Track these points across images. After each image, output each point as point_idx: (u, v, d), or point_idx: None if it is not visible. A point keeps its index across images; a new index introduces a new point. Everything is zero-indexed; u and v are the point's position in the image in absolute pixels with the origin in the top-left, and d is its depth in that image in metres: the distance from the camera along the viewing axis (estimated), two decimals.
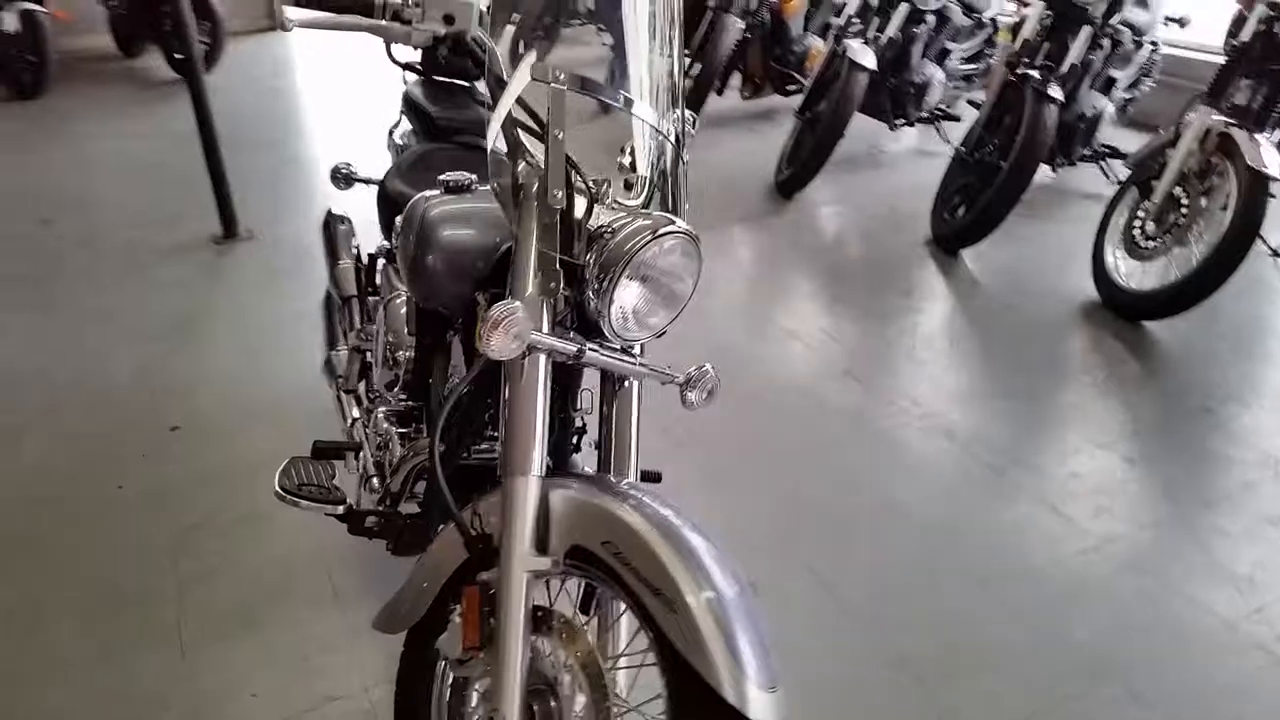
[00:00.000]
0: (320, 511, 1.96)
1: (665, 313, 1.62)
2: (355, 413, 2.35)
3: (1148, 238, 3.40)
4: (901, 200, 4.45)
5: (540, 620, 1.52)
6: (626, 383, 1.73)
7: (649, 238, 1.52)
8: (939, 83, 4.85)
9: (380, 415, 2.12)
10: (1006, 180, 3.70)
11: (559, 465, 1.82)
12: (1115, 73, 4.38)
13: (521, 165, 1.61)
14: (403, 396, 2.12)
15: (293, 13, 1.51)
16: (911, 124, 5.06)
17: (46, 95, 6.39)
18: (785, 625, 2.17)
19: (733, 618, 1.38)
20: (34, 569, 2.31)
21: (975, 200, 3.88)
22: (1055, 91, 3.66)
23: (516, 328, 1.41)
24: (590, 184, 1.61)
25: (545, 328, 1.53)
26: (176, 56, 6.87)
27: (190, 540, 2.39)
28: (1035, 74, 3.73)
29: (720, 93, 5.52)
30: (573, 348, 1.52)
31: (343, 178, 2.71)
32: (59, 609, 2.19)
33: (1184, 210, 3.28)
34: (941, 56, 4.96)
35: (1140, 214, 3.43)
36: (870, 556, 2.40)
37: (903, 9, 4.55)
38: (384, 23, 1.57)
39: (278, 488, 1.96)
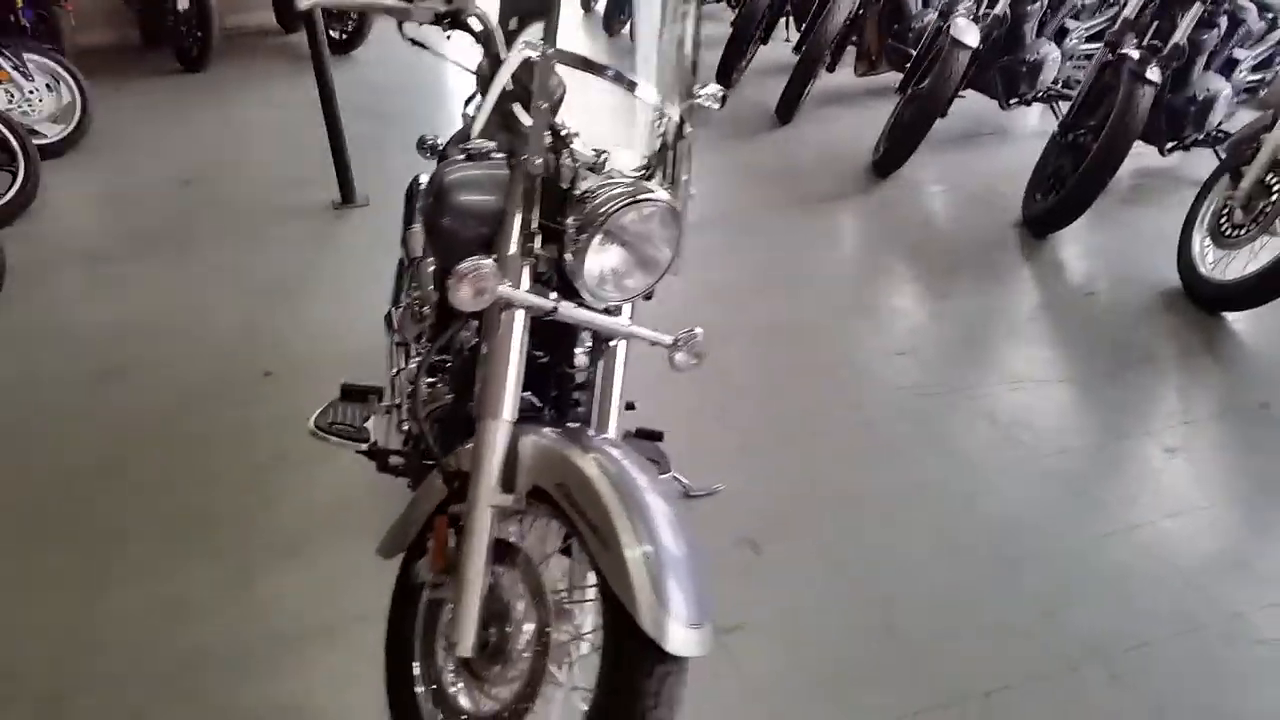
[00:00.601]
0: (348, 448, 2.17)
1: (642, 277, 1.74)
2: (401, 363, 2.55)
3: (1234, 226, 3.26)
4: (1002, 181, 4.37)
5: (502, 553, 1.66)
6: (613, 343, 1.85)
7: (625, 202, 1.64)
8: (1053, 61, 4.70)
9: (413, 365, 2.30)
10: (1093, 164, 3.59)
11: (560, 416, 1.96)
12: (1239, 53, 4.15)
13: (516, 135, 1.76)
14: (429, 348, 2.30)
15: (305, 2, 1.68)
16: (1026, 103, 4.92)
17: (209, 68, 6.91)
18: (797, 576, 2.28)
19: (664, 562, 1.50)
20: (124, 490, 2.62)
21: (1066, 183, 3.78)
22: (1153, 73, 3.53)
23: (482, 282, 1.56)
24: (572, 151, 1.75)
25: (524, 285, 1.67)
26: (329, 33, 7.32)
27: (263, 474, 2.64)
28: (1134, 53, 3.59)
29: (832, 69, 5.51)
30: (548, 304, 1.66)
31: (428, 147, 2.91)
32: (140, 526, 2.49)
33: (1274, 197, 3.13)
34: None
35: (1229, 200, 3.28)
36: (886, 537, 2.45)
37: None
38: (387, 1, 1.72)
39: (312, 425, 2.18)
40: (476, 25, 1.76)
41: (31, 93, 5.26)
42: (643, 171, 1.92)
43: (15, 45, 5.27)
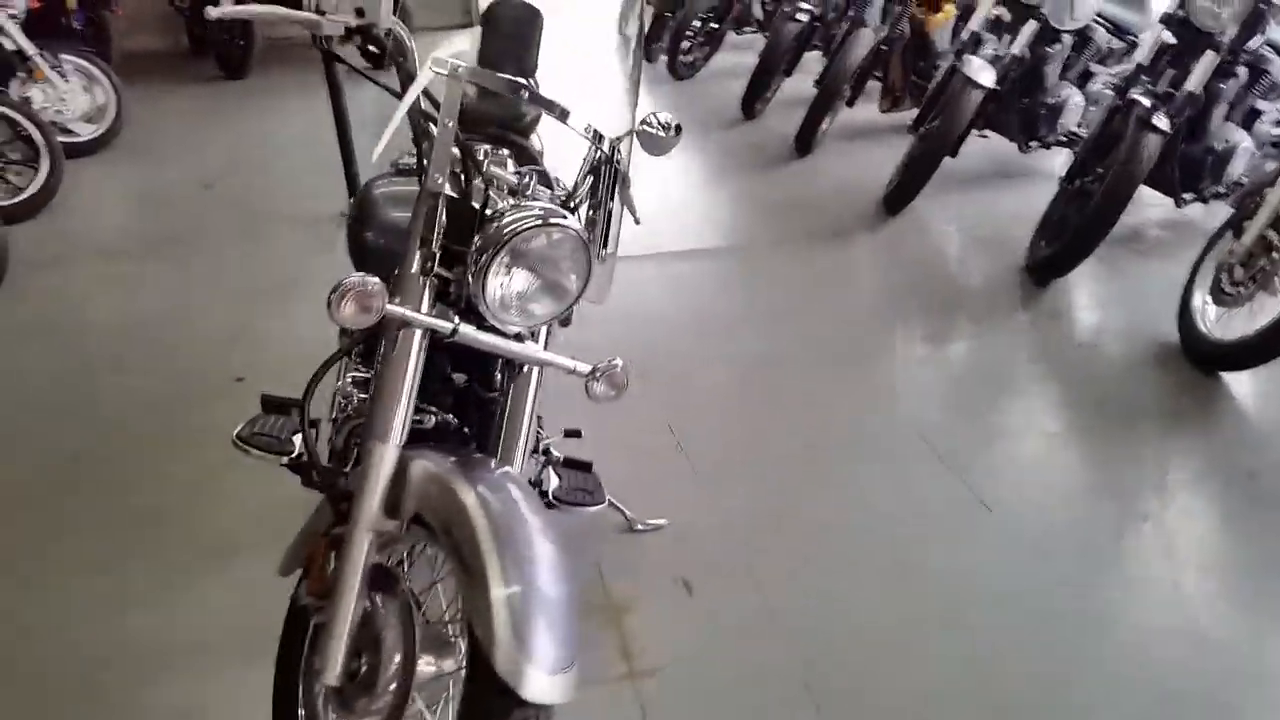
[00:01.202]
0: (270, 461, 2.16)
1: (550, 304, 1.71)
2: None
3: (1234, 283, 3.14)
4: (1012, 225, 4.27)
5: (381, 580, 1.63)
6: (525, 369, 1.83)
7: (527, 227, 1.62)
8: (1075, 105, 4.60)
9: (348, 379, 2.29)
10: (1094, 212, 3.50)
11: (480, 443, 1.93)
12: (1262, 105, 4.02)
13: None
14: (360, 363, 2.29)
15: (215, 11, 1.69)
16: (1046, 146, 4.82)
17: (249, 76, 7.07)
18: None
19: (531, 604, 1.47)
20: (83, 483, 2.66)
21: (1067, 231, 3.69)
22: (1161, 121, 3.42)
23: (367, 300, 1.53)
24: (482, 172, 1.73)
25: (424, 305, 1.65)
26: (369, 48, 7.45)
27: (216, 476, 2.65)
28: (1143, 100, 3.49)
29: (851, 103, 5.46)
30: (444, 326, 1.63)
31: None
32: (88, 519, 2.52)
33: (1275, 255, 3.01)
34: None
35: (1230, 257, 3.16)
36: (827, 584, 2.38)
37: (1030, 27, 4.34)
38: (299, 13, 1.72)
39: (235, 436, 2.17)
40: (390, 41, 1.76)
41: (66, 93, 5.40)
42: (563, 198, 1.90)
43: (54, 47, 5.41)
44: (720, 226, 4.49)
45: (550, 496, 2.22)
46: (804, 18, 5.61)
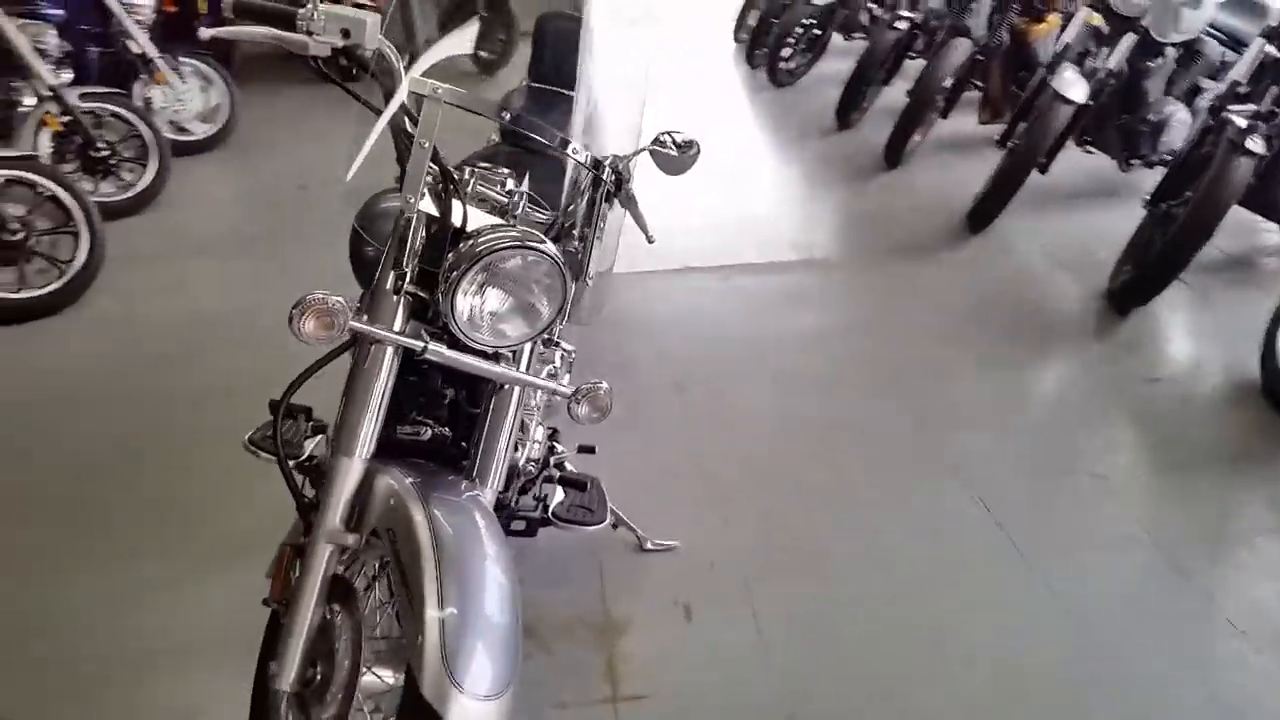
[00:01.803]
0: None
1: (522, 326, 1.70)
2: None
3: None
4: (1099, 248, 4.06)
5: (340, 592, 1.66)
6: (505, 388, 1.83)
7: (498, 248, 1.62)
8: (1179, 122, 4.33)
9: None
10: (1177, 238, 3.29)
11: (456, 463, 1.90)
12: None
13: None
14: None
15: (208, 31, 1.75)
16: (1149, 165, 4.56)
17: (366, 79, 7.29)
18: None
19: (467, 628, 1.48)
20: (125, 475, 2.79)
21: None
22: (1255, 144, 3.19)
23: (328, 316, 1.56)
24: (459, 192, 1.75)
25: (397, 323, 1.68)
26: (481, 54, 7.66)
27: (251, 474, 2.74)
28: (1238, 120, 3.26)
29: (945, 115, 5.28)
30: (413, 344, 1.65)
31: None
32: (121, 512, 2.64)
33: None
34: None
35: None
36: (827, 621, 2.33)
37: (1129, 39, 4.11)
38: (288, 34, 1.76)
39: (247, 439, 2.23)
40: (375, 61, 1.79)
41: (184, 94, 5.69)
42: (550, 221, 1.89)
43: (176, 50, 5.71)
44: (795, 240, 4.41)
45: (550, 513, 2.22)
46: (903, 25, 5.46)
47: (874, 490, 2.72)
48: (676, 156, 2.50)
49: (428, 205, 1.76)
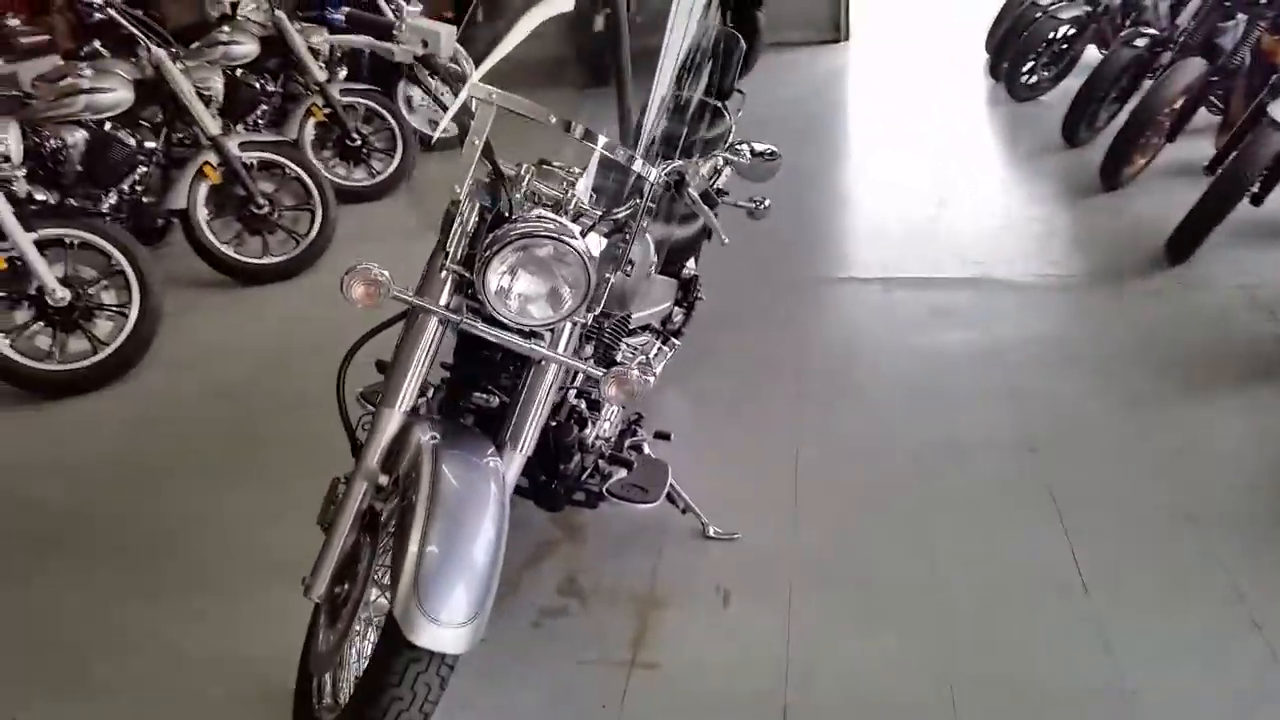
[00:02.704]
0: None
1: (545, 308, 1.92)
2: None
3: None
4: None
5: (370, 523, 1.94)
6: (541, 366, 2.04)
7: (521, 235, 1.85)
8: None
9: None
10: None
11: (503, 437, 2.10)
12: None
13: None
14: None
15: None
16: None
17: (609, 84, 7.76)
18: None
19: (443, 564, 1.73)
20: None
21: None
22: None
23: (370, 284, 1.84)
24: (506, 186, 1.98)
25: (443, 297, 1.95)
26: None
27: None
28: None
29: (1172, 138, 4.91)
30: (449, 315, 1.92)
31: None
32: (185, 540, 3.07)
33: None
34: None
35: None
36: (860, 642, 2.36)
37: None
38: (379, 43, 2.07)
39: (359, 393, 2.56)
40: (453, 68, 2.06)
41: (443, 94, 6.32)
42: (593, 214, 2.07)
43: None
44: (975, 256, 4.32)
45: (604, 489, 2.41)
46: (1142, 43, 5.15)
47: (960, 525, 2.67)
48: (752, 164, 2.63)
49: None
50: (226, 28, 5.05)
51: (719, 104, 3.41)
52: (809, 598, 2.41)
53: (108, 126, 4.28)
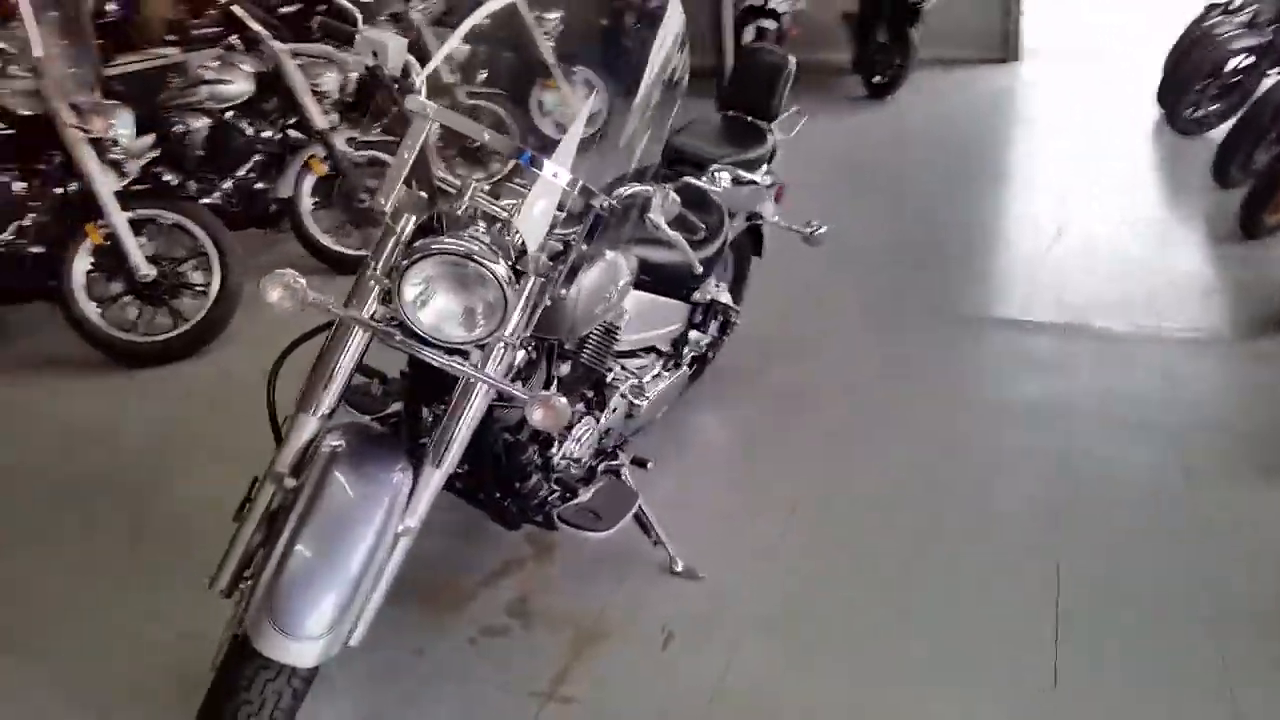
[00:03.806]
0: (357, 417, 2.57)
1: (462, 328, 1.89)
2: None
3: None
4: None
5: (274, 524, 1.96)
6: (468, 384, 2.01)
7: (430, 253, 1.83)
8: None
9: None
10: None
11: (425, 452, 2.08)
12: None
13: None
14: None
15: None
16: None
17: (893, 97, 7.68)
18: None
19: (305, 573, 1.74)
20: None
21: None
22: None
23: (285, 290, 1.85)
24: (436, 200, 1.97)
25: (369, 307, 1.96)
26: (874, 79, 7.69)
27: None
28: None
29: None
30: (371, 324, 1.91)
31: None
32: None
33: None
34: None
35: None
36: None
37: None
38: (336, 52, 2.09)
39: None
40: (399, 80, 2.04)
41: (569, 99, 6.41)
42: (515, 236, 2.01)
43: (574, 60, 6.47)
44: (1084, 301, 3.99)
45: (556, 513, 2.35)
46: None
47: (946, 597, 2.47)
48: (727, 192, 2.52)
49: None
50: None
51: (764, 125, 3.31)
52: (754, 651, 2.28)
53: (228, 116, 4.58)
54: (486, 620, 2.39)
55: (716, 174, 2.63)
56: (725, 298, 3.19)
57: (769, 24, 7.66)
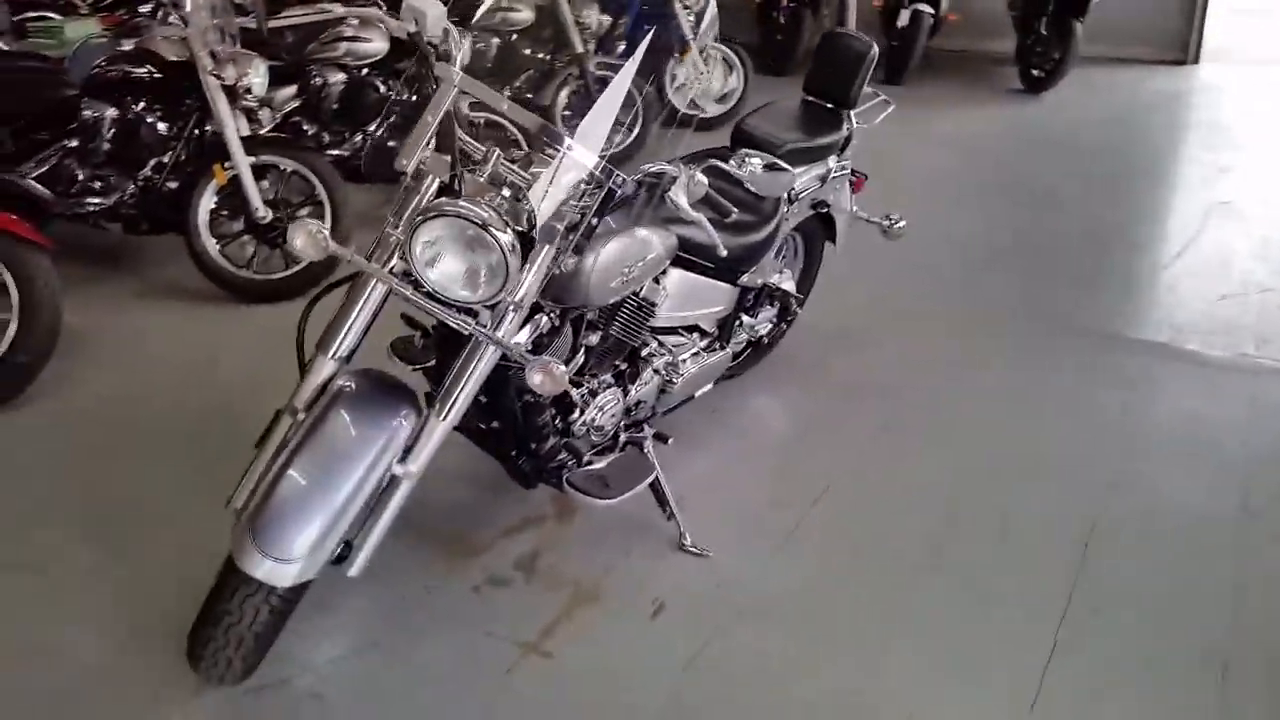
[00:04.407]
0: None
1: (469, 287, 1.98)
2: None
3: None
4: None
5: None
6: (475, 342, 2.10)
7: (454, 213, 1.93)
8: None
9: None
10: None
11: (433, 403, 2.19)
12: None
13: None
14: None
15: None
16: None
17: (906, 82, 7.52)
18: None
19: (293, 496, 1.90)
20: None
21: None
22: None
23: (310, 238, 1.98)
24: (458, 162, 2.06)
25: (390, 261, 2.07)
26: (1032, 72, 7.39)
27: None
28: None
29: None
30: (384, 275, 2.03)
31: None
32: None
33: None
34: None
35: None
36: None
37: None
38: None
39: (389, 346, 2.69)
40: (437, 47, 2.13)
41: (707, 74, 6.43)
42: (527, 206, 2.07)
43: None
44: (1182, 321, 3.77)
45: (566, 477, 2.43)
46: None
47: (948, 604, 2.44)
48: (755, 176, 2.53)
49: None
50: None
51: (842, 112, 3.25)
52: (738, 633, 2.32)
53: (365, 73, 4.84)
54: (495, 570, 2.50)
55: (747, 159, 2.62)
56: (788, 284, 3.19)
57: (926, 8, 7.46)
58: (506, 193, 2.10)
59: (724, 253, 2.40)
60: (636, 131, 5.64)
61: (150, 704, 2.10)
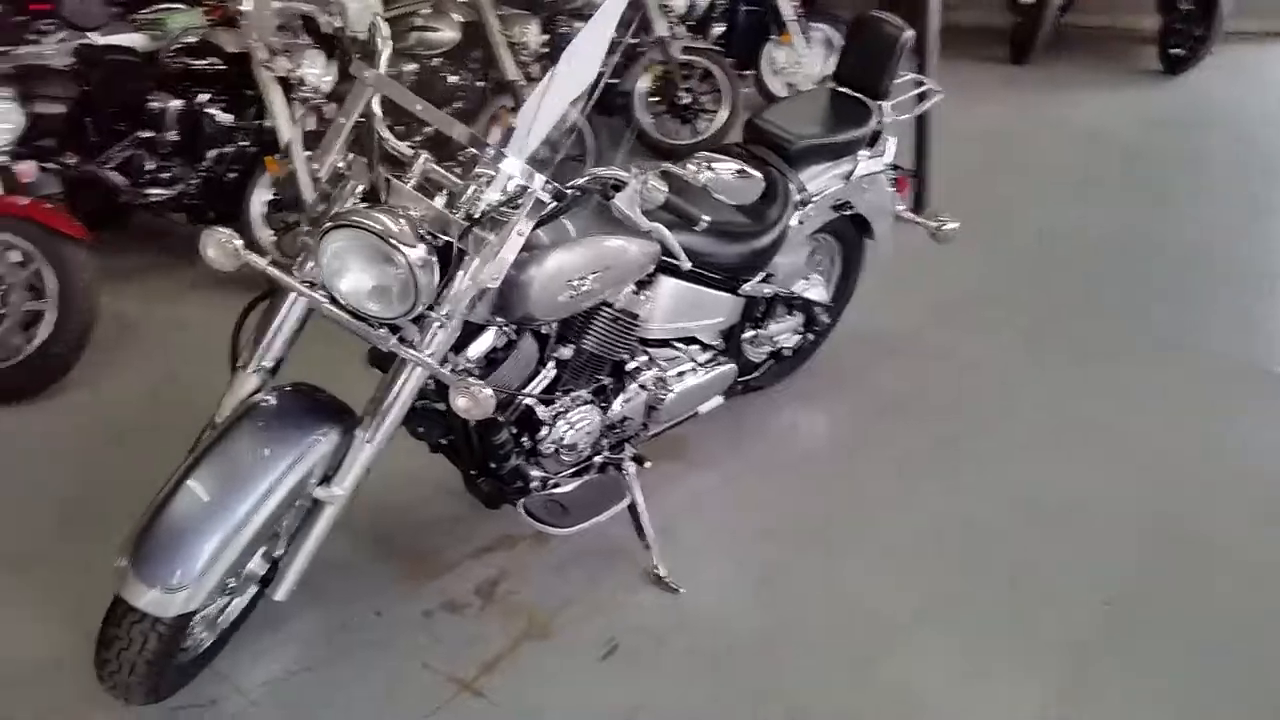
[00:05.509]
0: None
1: (384, 299, 1.85)
2: None
3: None
4: None
5: None
6: (398, 361, 1.97)
7: (341, 223, 1.81)
8: None
9: None
10: None
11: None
12: None
13: None
14: None
15: None
16: None
17: (1032, 62, 6.99)
18: None
19: (182, 520, 1.80)
20: None
21: None
22: None
23: (220, 248, 1.89)
24: (375, 165, 1.93)
25: (303, 269, 1.96)
26: (1170, 50, 6.75)
27: None
28: None
29: None
30: (297, 287, 1.91)
31: None
32: None
33: None
34: None
35: None
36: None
37: None
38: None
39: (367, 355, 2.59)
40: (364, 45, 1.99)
41: (804, 57, 6.10)
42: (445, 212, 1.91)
43: (810, 14, 6.14)
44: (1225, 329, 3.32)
45: (522, 501, 2.26)
46: None
47: (940, 659, 2.17)
48: (724, 182, 2.30)
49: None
50: None
51: (872, 104, 2.94)
52: (689, 684, 2.12)
53: (435, 62, 4.77)
54: (453, 594, 2.36)
55: (710, 164, 2.35)
56: (815, 293, 2.92)
57: None
58: (440, 200, 1.96)
59: (688, 265, 2.18)
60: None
61: (86, 707, 2.04)
